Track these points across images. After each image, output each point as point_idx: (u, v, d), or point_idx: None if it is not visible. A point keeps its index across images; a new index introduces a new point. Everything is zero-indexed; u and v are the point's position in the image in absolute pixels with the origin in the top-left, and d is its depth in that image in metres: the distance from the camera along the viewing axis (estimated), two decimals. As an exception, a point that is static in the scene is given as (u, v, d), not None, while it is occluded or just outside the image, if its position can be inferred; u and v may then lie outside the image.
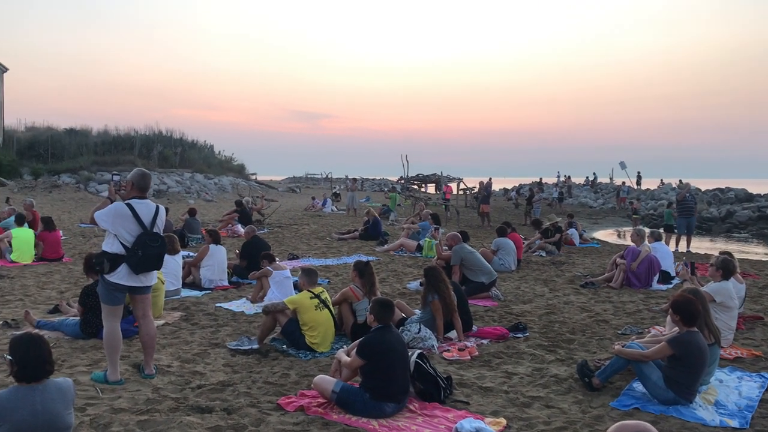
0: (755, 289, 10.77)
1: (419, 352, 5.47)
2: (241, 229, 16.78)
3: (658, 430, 2.84)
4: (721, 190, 40.35)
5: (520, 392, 5.51)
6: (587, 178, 52.60)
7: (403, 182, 42.96)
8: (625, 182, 44.70)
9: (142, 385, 5.43)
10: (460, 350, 6.65)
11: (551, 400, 5.35)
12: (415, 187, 48.35)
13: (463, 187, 37.90)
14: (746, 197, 36.80)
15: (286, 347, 6.68)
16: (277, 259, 9.58)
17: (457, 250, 10.10)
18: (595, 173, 52.08)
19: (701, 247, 19.68)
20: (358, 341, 5.36)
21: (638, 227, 13.71)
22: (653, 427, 2.37)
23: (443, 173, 50.13)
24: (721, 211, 31.96)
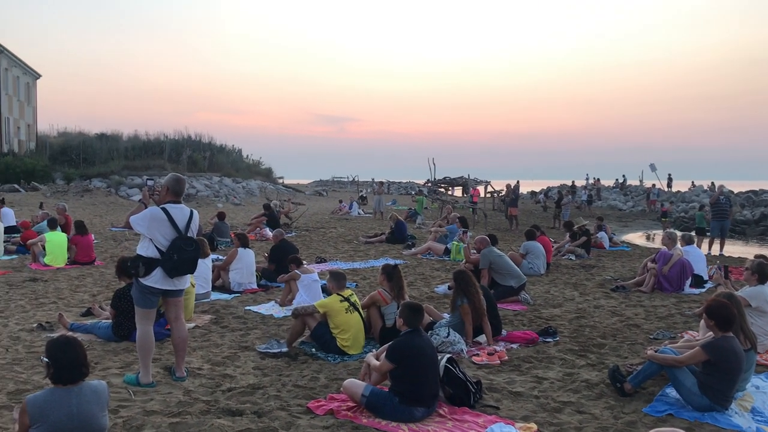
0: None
1: (449, 356, 5.45)
2: (269, 232, 16.88)
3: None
4: (755, 192, 39.53)
5: (550, 397, 5.46)
6: (616, 180, 52.00)
7: (429, 185, 42.92)
8: (655, 184, 44.10)
9: (173, 387, 5.49)
10: (489, 354, 6.61)
11: (582, 405, 5.29)
12: (441, 190, 48.25)
13: (490, 190, 37.75)
14: (781, 199, 36.05)
15: (314, 350, 6.69)
16: (304, 262, 9.62)
17: (485, 253, 10.05)
18: (624, 175, 51.48)
19: (735, 250, 19.33)
20: (387, 345, 5.36)
21: (669, 230, 13.53)
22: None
23: (470, 176, 49.99)
24: (755, 213, 31.33)
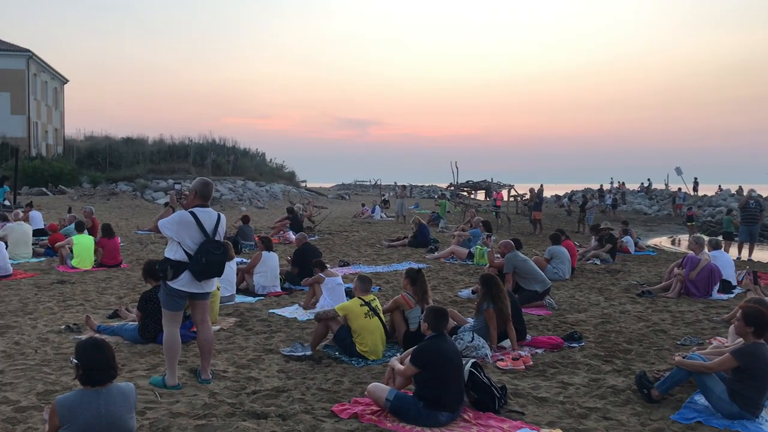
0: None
1: (473, 361, 5.42)
2: (292, 235, 16.94)
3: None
4: (785, 196, 38.91)
5: (576, 403, 5.41)
6: (641, 184, 51.45)
7: (452, 189, 42.81)
8: (681, 188, 43.57)
9: (198, 389, 5.52)
10: (514, 360, 6.56)
11: (609, 411, 5.24)
12: (464, 193, 48.11)
13: (513, 193, 37.56)
14: (812, 203, 35.39)
15: (338, 354, 6.71)
16: (328, 265, 9.64)
17: (510, 257, 9.99)
18: (649, 179, 50.92)
19: (765, 256, 19.01)
20: (411, 349, 5.35)
21: (697, 235, 13.34)
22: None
23: (493, 179, 49.80)
24: (785, 218, 30.82)
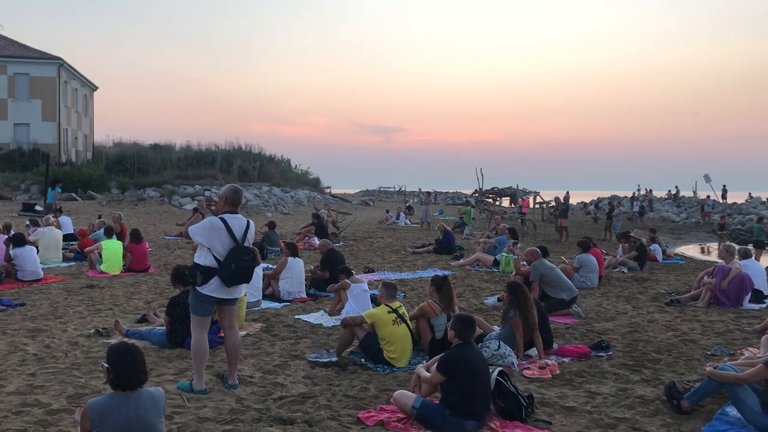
0: None
1: (500, 369, 5.39)
2: (317, 241, 16.98)
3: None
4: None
5: (604, 413, 5.35)
6: (669, 191, 50.84)
7: (477, 195, 42.65)
8: (709, 195, 42.97)
9: (225, 395, 5.56)
10: (540, 368, 6.51)
11: (638, 422, 5.17)
12: (489, 200, 47.89)
13: (539, 200, 37.32)
14: None
15: (364, 361, 6.71)
16: (353, 272, 9.65)
17: (536, 265, 9.92)
18: (677, 186, 50.30)
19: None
20: (438, 357, 5.34)
21: (727, 243, 13.13)
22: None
23: (519, 186, 49.49)
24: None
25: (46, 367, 6.25)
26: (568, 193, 29.03)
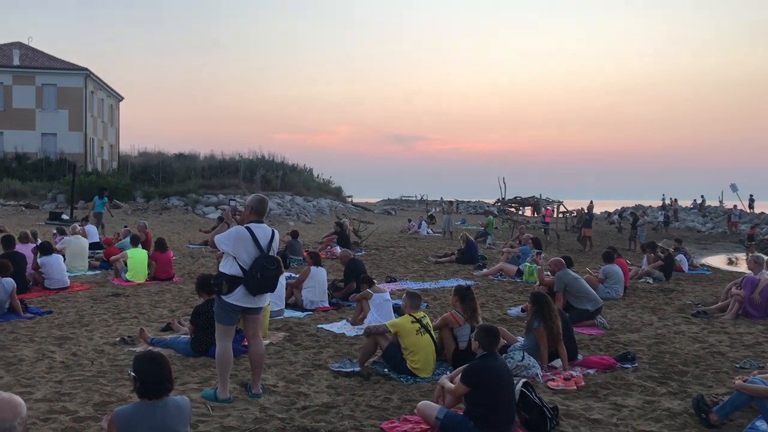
0: None
1: (524, 380, 5.36)
2: (338, 250, 17.00)
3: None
4: None
5: (630, 426, 5.29)
6: (695, 201, 50.20)
7: (500, 205, 42.50)
8: (736, 205, 42.36)
9: (249, 404, 5.58)
10: (565, 380, 6.45)
11: (665, 436, 5.10)
12: (512, 209, 47.70)
13: (563, 210, 37.07)
14: None
15: (387, 371, 6.69)
16: (375, 281, 9.65)
17: (560, 276, 9.83)
18: (703, 196, 49.63)
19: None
20: (461, 367, 5.31)
21: (756, 254, 12.91)
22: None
23: (542, 196, 49.27)
24: None
25: (72, 374, 6.32)
26: (591, 202, 28.77)
